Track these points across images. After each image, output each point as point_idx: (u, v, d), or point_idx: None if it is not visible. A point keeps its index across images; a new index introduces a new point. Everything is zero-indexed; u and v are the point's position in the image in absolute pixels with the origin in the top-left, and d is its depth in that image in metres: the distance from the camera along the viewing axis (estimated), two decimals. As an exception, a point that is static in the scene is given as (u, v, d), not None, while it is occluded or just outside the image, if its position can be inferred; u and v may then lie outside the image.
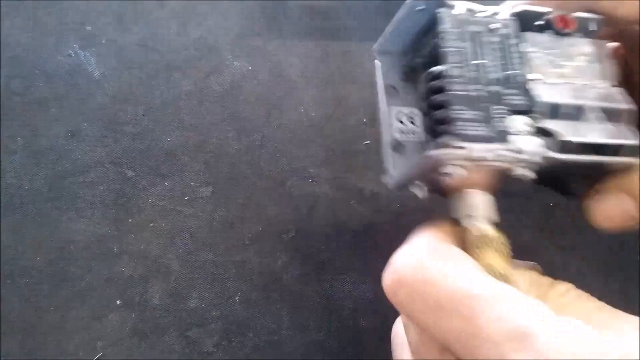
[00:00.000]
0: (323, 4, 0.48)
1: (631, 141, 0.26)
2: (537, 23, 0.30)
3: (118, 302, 0.35)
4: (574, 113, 0.27)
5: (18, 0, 0.43)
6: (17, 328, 0.34)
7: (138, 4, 0.45)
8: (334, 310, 0.37)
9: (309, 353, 0.36)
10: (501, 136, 0.26)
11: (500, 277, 0.23)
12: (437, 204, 0.39)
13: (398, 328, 0.27)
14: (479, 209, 0.27)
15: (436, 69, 0.27)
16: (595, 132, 0.27)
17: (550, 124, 0.26)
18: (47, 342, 0.34)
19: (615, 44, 0.29)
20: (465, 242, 0.26)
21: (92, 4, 0.44)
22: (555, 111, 0.27)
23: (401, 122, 0.32)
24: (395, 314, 0.38)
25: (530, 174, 0.26)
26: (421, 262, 0.22)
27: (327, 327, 0.37)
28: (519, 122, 0.27)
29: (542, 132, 0.26)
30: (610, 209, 0.27)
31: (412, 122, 0.32)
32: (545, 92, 0.27)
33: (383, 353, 0.37)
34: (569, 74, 0.28)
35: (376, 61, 0.33)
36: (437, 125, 0.27)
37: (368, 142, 0.43)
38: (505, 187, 0.28)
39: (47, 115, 0.40)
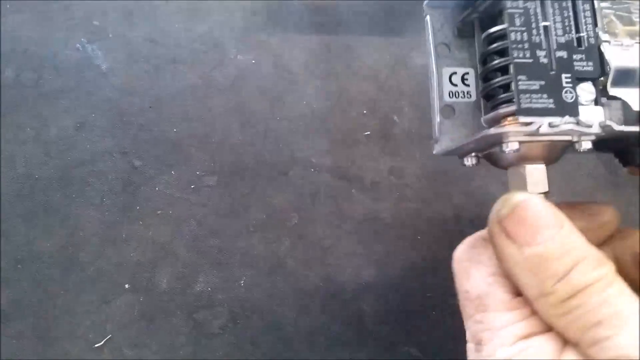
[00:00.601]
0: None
1: None
2: None
3: (127, 286, 0.36)
4: None
5: (28, -4, 0.44)
6: (29, 311, 0.35)
7: (145, 0, 0.46)
8: (336, 294, 0.38)
9: (312, 335, 0.37)
10: (570, 109, 0.23)
11: None
12: (437, 194, 0.40)
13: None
14: (531, 182, 0.25)
15: (497, 29, 0.25)
16: None
17: (620, 92, 0.24)
18: (59, 324, 0.35)
19: None
20: None
21: (99, 0, 0.45)
22: (625, 76, 0.24)
23: (452, 83, 0.30)
24: (395, 297, 0.39)
25: (590, 145, 0.24)
26: (458, 258, 0.25)
27: (329, 311, 0.38)
28: (587, 91, 0.24)
29: (605, 97, 0.24)
30: None
31: (464, 83, 0.30)
32: (618, 56, 0.24)
33: (384, 335, 0.38)
34: (636, 33, 0.25)
35: (427, 17, 0.30)
36: (496, 92, 0.25)
37: (368, 132, 0.44)
38: (558, 157, 0.26)
39: (57, 106, 0.41)
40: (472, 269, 0.24)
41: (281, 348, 0.37)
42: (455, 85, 0.29)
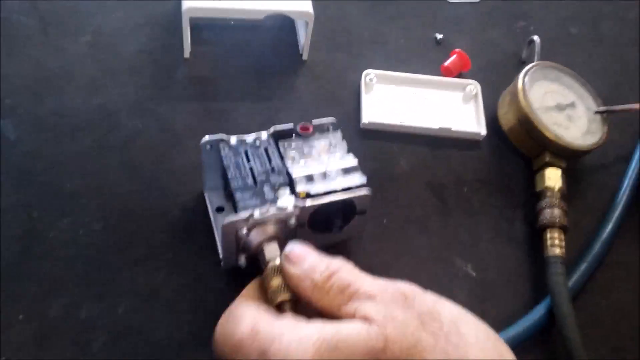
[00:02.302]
0: (204, 73, 0.60)
1: (359, 181, 0.44)
2: (290, 134, 0.47)
3: (20, 317, 0.43)
4: (322, 177, 0.44)
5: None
6: (-63, 341, 0.42)
7: (51, 80, 0.56)
8: (204, 311, 0.46)
9: (181, 345, 0.44)
10: (271, 202, 0.42)
11: (282, 290, 0.38)
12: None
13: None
14: (270, 253, 0.41)
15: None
16: (334, 183, 0.44)
17: (304, 187, 0.43)
18: (-39, 351, 0.42)
19: None
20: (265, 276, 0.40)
21: (11, 82, 0.55)
22: (309, 179, 0.44)
23: None
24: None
25: (297, 222, 0.42)
26: (226, 321, 0.38)
27: (197, 325, 0.45)
28: (283, 192, 0.43)
29: (307, 195, 0.42)
30: None
31: None
32: (299, 170, 0.44)
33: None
34: (314, 157, 0.45)
35: (205, 194, 0.51)
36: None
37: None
38: (289, 236, 0.42)
39: (-29, 172, 0.49)
40: (240, 319, 0.37)
41: (154, 357, 0.43)
42: None
